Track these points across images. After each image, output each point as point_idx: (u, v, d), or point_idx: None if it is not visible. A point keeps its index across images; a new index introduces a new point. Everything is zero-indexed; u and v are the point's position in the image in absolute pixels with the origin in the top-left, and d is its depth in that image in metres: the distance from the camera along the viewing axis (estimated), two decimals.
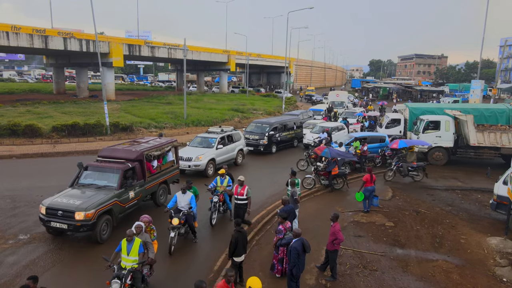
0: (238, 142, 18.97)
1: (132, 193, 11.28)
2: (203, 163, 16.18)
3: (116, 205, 10.58)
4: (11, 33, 33.63)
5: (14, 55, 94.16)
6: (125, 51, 42.98)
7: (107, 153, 12.14)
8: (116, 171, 11.04)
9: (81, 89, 45.75)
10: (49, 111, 29.98)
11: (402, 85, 68.07)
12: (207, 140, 17.56)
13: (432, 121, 20.01)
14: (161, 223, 10.97)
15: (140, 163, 11.82)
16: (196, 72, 67.11)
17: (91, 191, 10.59)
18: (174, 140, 14.37)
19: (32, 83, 69.29)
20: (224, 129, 18.75)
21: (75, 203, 9.87)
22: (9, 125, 22.38)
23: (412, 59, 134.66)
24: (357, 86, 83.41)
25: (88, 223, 9.67)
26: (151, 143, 13.15)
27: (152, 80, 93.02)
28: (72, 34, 38.36)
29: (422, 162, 17.70)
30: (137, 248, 7.27)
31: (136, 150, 11.96)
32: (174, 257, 9.65)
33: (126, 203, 11.08)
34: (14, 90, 49.40)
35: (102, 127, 24.14)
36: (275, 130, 22.03)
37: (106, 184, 10.93)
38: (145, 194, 12.22)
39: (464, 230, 12.15)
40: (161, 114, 30.66)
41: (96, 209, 9.81)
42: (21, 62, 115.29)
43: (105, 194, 10.44)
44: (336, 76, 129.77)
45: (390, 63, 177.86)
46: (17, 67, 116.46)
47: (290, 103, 46.77)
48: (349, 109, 33.79)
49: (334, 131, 22.73)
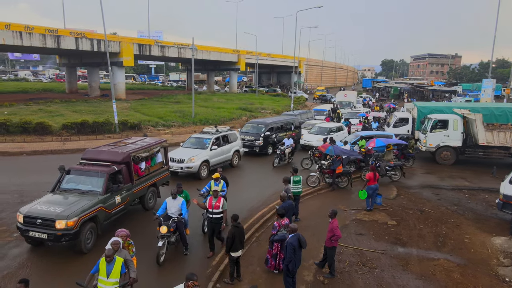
0: (234, 143, 18.29)
1: (118, 198, 10.53)
2: (195, 165, 15.53)
3: (101, 212, 9.82)
4: (24, 33, 34.26)
5: (29, 55, 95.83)
6: (136, 50, 43.40)
7: (91, 155, 11.33)
8: (101, 175, 10.23)
9: (92, 88, 46.37)
10: (60, 110, 30.51)
11: (414, 85, 67.25)
12: (201, 141, 16.89)
13: (440, 120, 19.74)
14: (151, 230, 10.34)
15: (127, 166, 11.05)
16: (206, 71, 67.40)
17: (73, 197, 9.80)
18: (163, 140, 13.67)
19: (46, 82, 70.49)
20: (219, 129, 18.09)
21: (56, 210, 9.05)
22: (21, 123, 22.85)
23: (425, 59, 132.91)
24: (368, 86, 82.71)
25: (70, 232, 8.86)
26: (138, 144, 12.35)
27: (163, 80, 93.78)
28: (84, 34, 38.90)
29: (399, 161, 17.37)
30: (119, 269, 6.39)
31: (122, 152, 11.17)
32: (164, 267, 8.95)
33: (112, 209, 10.32)
34: (28, 89, 50.31)
35: (111, 125, 24.47)
36: (271, 130, 21.22)
37: (90, 189, 10.14)
38: (132, 198, 11.44)
39: (468, 229, 11.98)
40: (170, 113, 30.91)
41: (79, 217, 9.03)
42: (36, 63, 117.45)
43: (89, 199, 9.67)
44: (347, 76, 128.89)
45: (403, 63, 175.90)
46: (32, 67, 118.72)
47: (299, 102, 46.64)
48: (354, 110, 33.03)
49: (332, 132, 22.13)
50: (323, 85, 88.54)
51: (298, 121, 24.79)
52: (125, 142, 12.73)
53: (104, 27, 24.37)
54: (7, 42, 33.40)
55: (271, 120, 23.03)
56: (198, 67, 65.83)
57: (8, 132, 22.44)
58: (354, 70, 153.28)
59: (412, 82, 77.25)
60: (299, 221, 11.91)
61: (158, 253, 8.83)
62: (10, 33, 33.31)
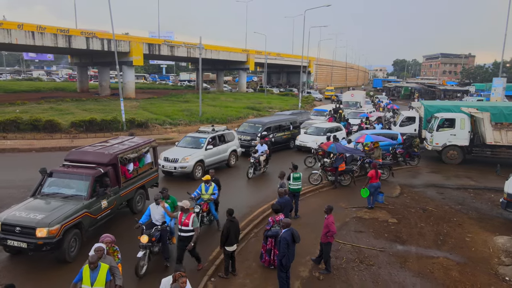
0: (231, 143, 17.76)
1: (104, 202, 9.85)
2: (190, 165, 15.06)
3: (86, 217, 9.17)
4: (37, 33, 34.99)
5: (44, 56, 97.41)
6: (145, 50, 43.90)
7: (76, 156, 10.58)
8: (85, 178, 9.55)
9: (103, 88, 47.04)
10: (70, 108, 31.06)
11: (425, 85, 66.43)
12: (196, 140, 16.41)
13: (447, 118, 19.50)
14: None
15: (114, 168, 10.40)
16: (216, 71, 67.75)
17: (56, 202, 9.10)
18: (152, 140, 12.99)
19: (58, 82, 71.77)
20: (215, 129, 17.55)
21: (36, 217, 8.33)
22: (31, 120, 23.32)
23: (438, 59, 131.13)
24: (379, 86, 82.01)
25: (52, 241, 8.16)
26: (126, 144, 11.63)
27: (174, 80, 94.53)
28: (94, 34, 39.51)
29: (389, 160, 17.10)
30: (104, 276, 6.00)
31: (109, 153, 10.47)
32: (145, 280, 8.18)
33: (98, 214, 9.67)
34: (41, 88, 51.35)
35: (118, 123, 24.81)
36: (269, 130, 20.60)
37: (74, 193, 9.45)
38: (120, 202, 10.81)
39: (471, 228, 11.83)
40: (177, 112, 31.20)
41: (62, 224, 8.36)
42: (50, 63, 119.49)
43: (72, 205, 8.99)
44: (358, 76, 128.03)
45: (415, 62, 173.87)
46: (46, 67, 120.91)
47: (307, 101, 46.54)
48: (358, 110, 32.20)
49: (329, 132, 21.29)
50: (333, 85, 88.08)
51: (298, 120, 24.05)
52: (112, 142, 11.96)
53: (113, 27, 24.76)
54: (20, 41, 34.18)
55: (268, 119, 22.30)
56: (208, 66, 66.24)
57: (18, 129, 22.92)
58: (365, 70, 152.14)
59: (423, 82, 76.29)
60: (299, 218, 11.94)
61: (138, 264, 8.10)
62: (23, 33, 34.10)
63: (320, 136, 20.82)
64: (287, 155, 20.40)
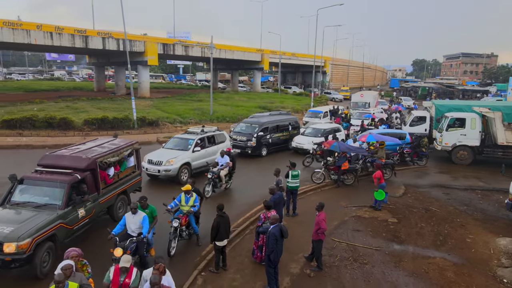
0: (222, 144, 16.76)
1: (82, 211, 9.05)
2: (174, 168, 14.20)
3: (61, 229, 8.34)
4: (55, 34, 35.98)
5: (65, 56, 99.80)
6: (160, 50, 44.49)
7: (50, 161, 9.65)
8: (60, 185, 8.71)
9: (119, 87, 47.95)
10: (86, 107, 31.82)
11: (443, 85, 65.00)
12: (185, 142, 15.55)
13: (458, 118, 19.08)
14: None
15: (93, 173, 9.56)
16: (230, 71, 68.11)
17: (27, 212, 8.22)
18: (134, 142, 12.08)
19: (78, 81, 73.62)
20: (205, 130, 16.57)
21: (4, 230, 7.49)
22: (46, 118, 24.00)
23: (459, 58, 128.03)
24: (396, 86, 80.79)
25: (22, 257, 7.34)
26: (106, 147, 10.73)
27: (190, 79, 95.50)
28: (111, 34, 40.30)
29: (391, 160, 16.73)
30: None
31: (87, 157, 9.59)
32: None
33: (75, 224, 8.84)
34: (60, 87, 52.75)
35: (129, 122, 25.26)
36: (266, 130, 19.77)
37: (47, 202, 8.61)
38: (99, 209, 9.99)
39: (473, 229, 11.57)
40: (189, 110, 31.55)
41: (33, 237, 7.53)
42: (71, 63, 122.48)
43: (46, 215, 8.16)
44: (375, 76, 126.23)
45: (435, 62, 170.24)
46: (68, 67, 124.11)
47: (320, 101, 46.24)
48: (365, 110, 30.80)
49: (327, 133, 20.24)
50: (349, 85, 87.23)
51: (297, 120, 23.36)
52: (91, 144, 11.04)
53: (124, 27, 25.23)
54: (39, 42, 35.21)
55: (266, 119, 21.28)
56: (223, 66, 66.65)
57: (34, 127, 23.62)
58: (383, 70, 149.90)
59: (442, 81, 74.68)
60: (297, 215, 11.94)
61: None
62: (42, 34, 35.12)
63: (318, 137, 19.91)
64: (285, 156, 19.42)
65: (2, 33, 32.51)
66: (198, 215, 9.97)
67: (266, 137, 19.83)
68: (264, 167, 17.48)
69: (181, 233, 9.29)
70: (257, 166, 18.35)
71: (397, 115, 29.57)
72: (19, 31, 33.49)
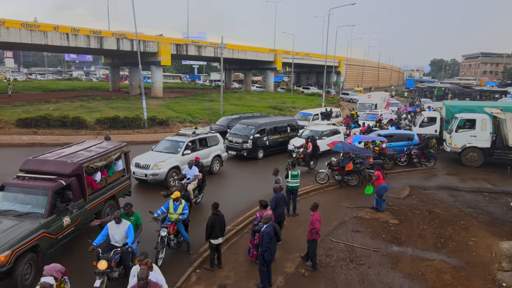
0: (215, 147, 16.23)
1: (67, 219, 8.52)
2: (162, 172, 13.59)
3: (44, 239, 7.84)
4: (71, 35, 36.86)
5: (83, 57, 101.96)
6: (173, 50, 45.03)
7: (33, 166, 9.08)
8: (43, 192, 8.18)
9: (133, 87, 48.72)
10: (99, 106, 32.49)
11: (460, 85, 63.66)
12: (175, 144, 14.94)
13: (468, 119, 18.72)
14: None
15: (78, 179, 9.06)
16: (243, 71, 68.36)
17: (7, 221, 7.72)
18: (123, 144, 11.41)
19: (94, 81, 75.09)
20: (197, 132, 15.97)
21: None
22: (60, 117, 24.65)
23: (478, 58, 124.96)
24: (411, 86, 79.61)
25: (1, 270, 6.90)
26: (93, 151, 10.20)
27: (204, 79, 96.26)
28: (125, 35, 41.02)
29: (380, 160, 16.37)
30: None
31: (72, 162, 9.03)
32: None
33: (59, 233, 8.34)
34: (77, 87, 53.96)
35: (140, 121, 25.70)
36: (263, 132, 19.17)
37: (29, 210, 8.10)
38: (86, 216, 9.43)
39: (477, 232, 11.38)
40: (199, 110, 31.87)
41: (13, 250, 7.07)
42: (89, 63, 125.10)
43: (28, 224, 7.68)
44: (391, 76, 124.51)
45: (454, 62, 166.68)
46: (86, 67, 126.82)
47: (332, 102, 45.95)
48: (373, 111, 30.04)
49: (325, 136, 19.83)
50: (364, 85, 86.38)
51: (296, 122, 22.44)
52: (77, 148, 10.47)
53: (136, 29, 25.66)
54: (55, 43, 36.12)
55: (263, 121, 20.64)
56: (236, 66, 66.97)
57: (49, 125, 24.27)
58: (399, 70, 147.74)
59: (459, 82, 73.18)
60: (297, 215, 11.97)
61: None
62: (58, 35, 36.02)
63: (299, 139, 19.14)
64: (282, 158, 18.64)
65: (21, 35, 33.50)
66: (187, 222, 9.40)
67: (262, 139, 19.17)
68: (259, 170, 17.29)
69: (169, 242, 8.79)
70: (252, 169, 17.82)
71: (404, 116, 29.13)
72: (36, 33, 34.45)
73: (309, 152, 16.50)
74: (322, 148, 18.86)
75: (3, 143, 20.89)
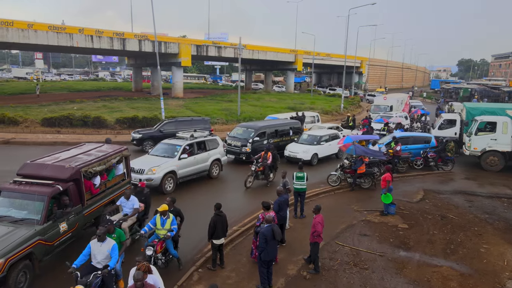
0: (214, 151, 15.69)
1: (64, 226, 8.25)
2: (157, 177, 13.12)
3: (40, 246, 7.61)
4: (95, 37, 38.01)
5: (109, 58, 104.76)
6: (193, 51, 45.65)
7: (30, 170, 8.85)
8: (39, 198, 7.95)
9: (154, 87, 49.70)
10: (121, 106, 33.37)
11: (488, 86, 61.42)
12: (172, 148, 14.48)
13: (488, 122, 18.13)
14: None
15: (76, 184, 8.79)
16: (264, 71, 68.49)
17: (2, 228, 7.50)
18: (123, 148, 11.07)
19: (119, 82, 77.05)
20: (195, 135, 15.45)
21: None
22: (82, 117, 25.50)
23: (509, 58, 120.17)
24: (436, 87, 77.53)
25: None
26: (92, 154, 9.93)
27: (226, 80, 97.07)
28: (147, 37, 41.90)
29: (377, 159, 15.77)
30: None
31: (70, 167, 8.77)
32: None
33: (55, 240, 8.09)
34: (101, 87, 55.54)
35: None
36: (263, 136, 18.53)
37: (25, 216, 7.88)
38: (84, 222, 9.15)
39: (491, 239, 11.03)
40: (217, 111, 32.18)
41: (7, 258, 6.85)
42: (115, 64, 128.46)
43: (23, 231, 7.48)
44: (416, 77, 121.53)
45: (483, 62, 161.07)
46: (112, 68, 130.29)
47: (352, 103, 45.36)
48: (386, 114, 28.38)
49: (324, 141, 18.88)
50: (387, 86, 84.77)
51: (299, 125, 21.67)
52: (76, 151, 10.17)
53: (155, 30, 26.20)
54: (80, 44, 37.36)
55: (263, 123, 19.97)
56: (257, 67, 67.20)
57: (71, 125, 25.15)
58: (424, 70, 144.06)
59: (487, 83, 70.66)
60: (304, 217, 11.95)
61: None
62: (83, 37, 37.24)
63: (314, 145, 18.34)
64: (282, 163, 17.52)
65: (48, 37, 34.85)
66: (177, 239, 8.63)
67: (263, 143, 18.26)
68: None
69: (156, 261, 7.99)
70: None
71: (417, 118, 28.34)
72: (62, 35, 35.73)
73: (269, 163, 14.84)
74: (322, 153, 18.56)
75: (28, 141, 21.82)
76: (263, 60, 56.46)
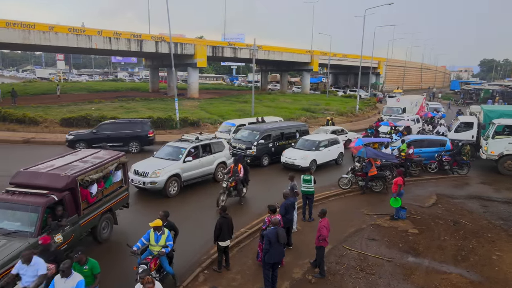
0: (219, 154, 15.44)
1: (59, 237, 7.83)
2: (161, 180, 12.95)
3: None
4: (113, 38, 38.77)
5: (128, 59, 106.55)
6: (209, 52, 46.02)
7: (24, 179, 8.43)
8: (33, 209, 7.54)
9: (170, 88, 50.10)
10: (137, 107, 33.95)
11: (510, 87, 59.74)
12: (177, 150, 14.29)
13: (507, 125, 17.65)
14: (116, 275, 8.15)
15: (72, 193, 8.38)
16: (280, 72, 68.43)
17: None
18: (121, 154, 10.69)
19: (137, 82, 78.32)
20: (200, 137, 15.17)
21: None
22: (98, 117, 26.04)
23: None
24: (456, 88, 75.82)
25: None
26: (88, 161, 9.52)
27: (243, 80, 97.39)
28: (163, 38, 42.46)
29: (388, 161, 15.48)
30: None
31: (66, 175, 8.38)
32: None
33: None
34: (120, 88, 56.58)
35: (172, 122, 26.55)
36: (268, 138, 18.15)
37: (18, 228, 7.48)
38: (80, 232, 8.76)
39: (504, 246, 10.75)
40: (231, 111, 32.36)
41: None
42: (133, 65, 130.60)
43: (17, 243, 7.07)
44: (435, 77, 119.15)
45: (507, 62, 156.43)
46: (130, 69, 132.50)
47: (368, 104, 44.82)
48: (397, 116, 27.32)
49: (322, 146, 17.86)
50: (405, 87, 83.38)
51: (305, 127, 21.05)
52: (71, 158, 9.72)
53: (170, 31, 26.49)
54: (99, 46, 38.18)
55: (269, 126, 19.58)
56: (272, 68, 67.21)
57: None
58: (445, 71, 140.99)
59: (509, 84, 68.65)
60: (313, 220, 11.91)
61: None
62: (101, 39, 38.02)
63: (312, 151, 17.39)
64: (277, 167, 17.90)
65: (68, 39, 35.74)
66: (172, 255, 8.10)
67: (268, 146, 18.10)
68: (268, 178, 16.47)
69: None
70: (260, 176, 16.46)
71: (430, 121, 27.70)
72: (82, 37, 36.58)
73: (241, 177, 13.17)
74: (321, 160, 17.72)
75: (47, 141, 22.45)
76: (278, 60, 56.43)
